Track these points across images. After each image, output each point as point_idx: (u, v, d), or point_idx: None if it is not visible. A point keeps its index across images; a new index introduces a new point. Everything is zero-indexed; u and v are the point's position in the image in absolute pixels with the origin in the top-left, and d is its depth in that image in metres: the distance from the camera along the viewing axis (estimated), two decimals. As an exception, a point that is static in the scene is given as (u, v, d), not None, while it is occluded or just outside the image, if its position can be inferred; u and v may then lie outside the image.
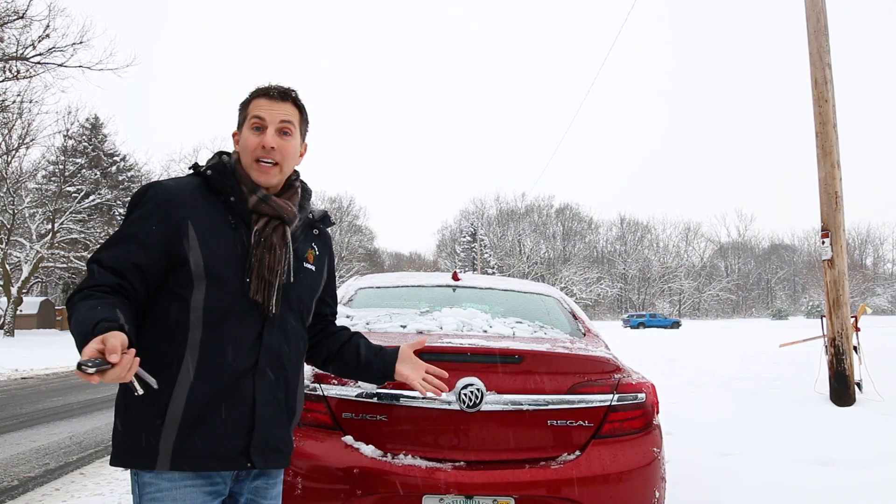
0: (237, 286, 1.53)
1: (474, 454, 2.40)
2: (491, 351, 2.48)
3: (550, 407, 2.44)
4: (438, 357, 2.44)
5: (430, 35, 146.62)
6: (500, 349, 2.49)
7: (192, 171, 1.66)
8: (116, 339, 1.23)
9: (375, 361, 1.86)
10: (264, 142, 1.60)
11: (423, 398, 2.38)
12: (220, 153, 1.69)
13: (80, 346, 1.26)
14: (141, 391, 1.32)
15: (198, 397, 1.46)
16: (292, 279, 1.62)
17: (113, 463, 1.49)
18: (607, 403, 2.50)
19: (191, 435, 1.44)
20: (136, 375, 1.28)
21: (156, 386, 1.33)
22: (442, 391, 1.86)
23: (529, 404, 2.41)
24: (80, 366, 1.18)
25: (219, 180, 1.59)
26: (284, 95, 1.66)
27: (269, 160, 1.61)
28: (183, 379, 1.46)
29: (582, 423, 2.47)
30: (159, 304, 1.52)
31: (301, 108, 1.70)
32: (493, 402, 2.39)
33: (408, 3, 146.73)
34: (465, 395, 2.36)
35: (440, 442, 2.41)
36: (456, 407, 2.37)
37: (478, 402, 2.37)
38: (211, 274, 1.50)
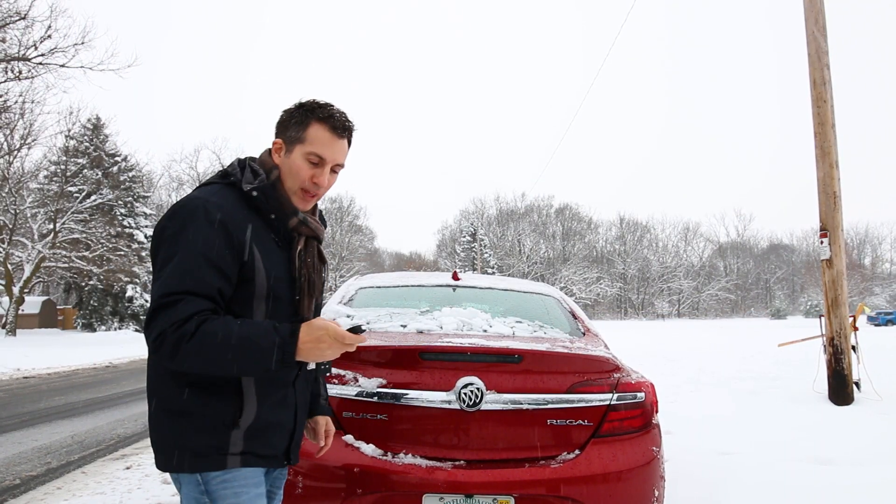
0: (288, 304, 1.62)
1: (474, 453, 2.42)
2: (491, 350, 2.49)
3: (550, 406, 2.46)
4: (438, 357, 2.46)
5: (430, 35, 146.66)
6: (500, 349, 2.50)
7: (223, 180, 1.63)
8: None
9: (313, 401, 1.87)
10: (318, 179, 1.62)
11: (423, 399, 2.41)
12: (246, 164, 1.65)
13: (262, 351, 1.41)
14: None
15: (262, 407, 1.58)
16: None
17: (172, 469, 1.53)
18: (606, 402, 2.51)
19: (254, 438, 1.56)
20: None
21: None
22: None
23: (529, 403, 2.43)
24: (358, 329, 1.49)
25: (263, 201, 1.59)
26: (346, 132, 1.65)
27: (313, 192, 1.64)
28: (248, 389, 1.56)
29: (581, 422, 2.48)
30: None
31: (350, 145, 1.71)
32: (493, 401, 2.41)
33: (409, 3, 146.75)
34: (465, 394, 2.38)
35: (440, 441, 2.43)
36: (456, 406, 2.39)
37: (478, 401, 2.39)
38: (271, 294, 1.57)
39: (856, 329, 7.60)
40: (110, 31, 59.69)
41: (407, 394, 2.40)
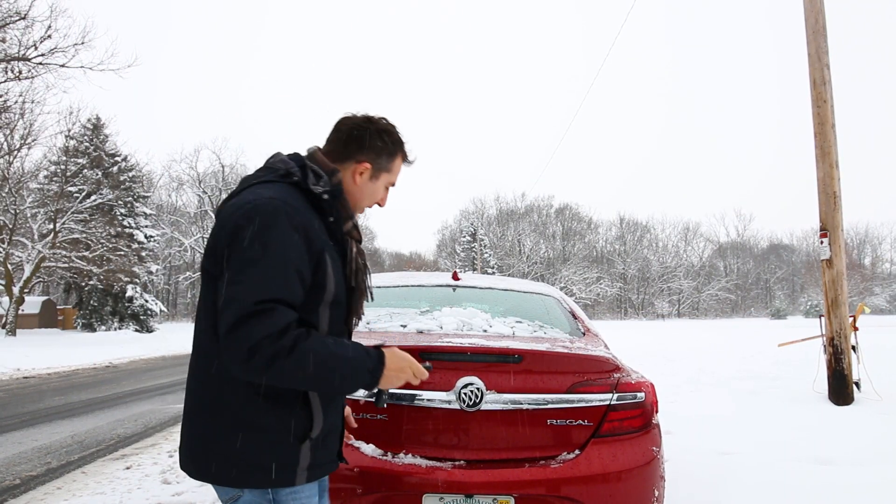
0: (344, 309, 1.63)
1: (474, 453, 2.42)
2: (491, 350, 2.49)
3: (550, 406, 2.46)
4: (438, 357, 2.46)
5: (430, 35, 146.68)
6: (500, 349, 2.50)
7: (285, 179, 1.57)
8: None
9: None
10: (382, 201, 1.78)
11: (423, 398, 2.41)
12: (305, 164, 1.63)
13: (357, 375, 1.48)
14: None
15: (328, 415, 1.59)
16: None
17: (232, 483, 1.49)
18: (607, 402, 2.51)
19: (318, 448, 1.57)
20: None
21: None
22: None
23: (529, 403, 2.43)
24: (429, 367, 1.63)
25: (331, 205, 1.59)
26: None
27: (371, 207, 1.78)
28: (315, 402, 1.55)
29: (582, 422, 2.48)
30: None
31: None
32: (493, 401, 2.41)
33: (409, 3, 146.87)
34: (465, 394, 2.38)
35: (440, 441, 2.43)
36: (456, 406, 2.39)
37: (478, 401, 2.39)
38: (336, 300, 1.58)
39: (856, 329, 7.60)
40: (110, 31, 59.75)
41: (407, 394, 2.40)
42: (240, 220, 1.45)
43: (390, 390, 1.71)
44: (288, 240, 1.44)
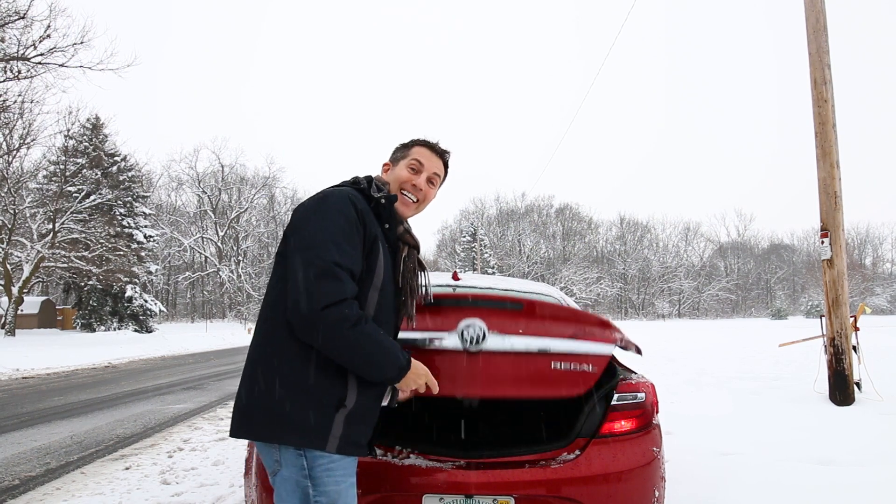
0: (391, 301, 1.85)
1: (479, 389, 2.34)
2: (492, 297, 2.52)
3: (553, 350, 2.36)
4: (443, 302, 2.36)
5: (430, 34, 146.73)
6: (501, 296, 2.45)
7: (354, 186, 1.90)
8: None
9: None
10: (415, 181, 2.00)
11: (425, 339, 2.31)
12: (371, 179, 1.97)
13: (392, 367, 1.72)
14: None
15: (361, 396, 1.75)
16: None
17: (271, 439, 1.68)
18: (610, 354, 2.44)
19: (351, 424, 1.72)
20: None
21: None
22: None
23: (531, 346, 2.34)
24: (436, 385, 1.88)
25: (385, 209, 1.89)
26: (442, 154, 2.09)
27: (413, 196, 2.01)
28: (350, 377, 1.73)
29: (586, 367, 2.39)
30: None
31: (447, 168, 2.13)
32: (496, 343, 2.31)
33: (410, 3, 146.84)
34: (469, 334, 2.30)
35: (444, 382, 2.22)
36: (459, 347, 2.29)
37: (480, 341, 2.30)
38: (383, 289, 1.80)
39: (857, 329, 7.58)
40: (109, 31, 59.82)
41: (410, 338, 2.27)
42: (312, 204, 1.77)
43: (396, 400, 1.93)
44: (350, 219, 1.73)
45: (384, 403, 1.88)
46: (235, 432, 1.72)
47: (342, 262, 1.64)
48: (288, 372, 1.67)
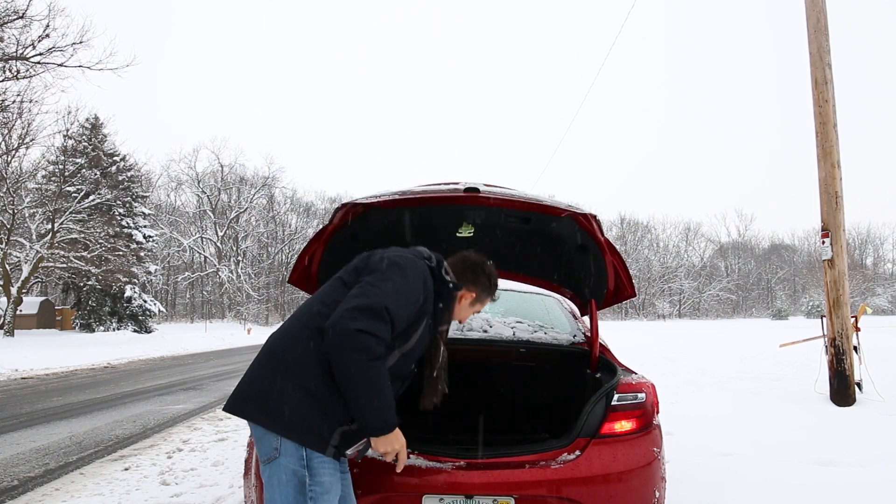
0: (406, 370, 2.05)
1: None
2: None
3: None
4: None
5: (430, 34, 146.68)
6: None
7: (426, 261, 2.09)
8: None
9: None
10: (463, 319, 2.32)
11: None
12: (442, 262, 2.15)
13: (382, 417, 1.84)
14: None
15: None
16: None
17: (279, 430, 1.86)
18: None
19: (347, 438, 1.95)
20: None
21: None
22: None
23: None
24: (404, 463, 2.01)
25: (449, 297, 2.13)
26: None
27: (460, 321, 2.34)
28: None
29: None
30: None
31: None
32: None
33: (410, 3, 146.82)
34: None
35: None
36: None
37: None
38: (405, 356, 2.00)
39: (858, 330, 7.57)
40: (109, 31, 59.90)
41: None
42: (393, 257, 2.01)
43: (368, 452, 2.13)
44: (417, 289, 1.95)
45: (349, 452, 2.08)
46: (244, 414, 1.91)
47: (392, 312, 1.84)
48: (321, 385, 1.86)
